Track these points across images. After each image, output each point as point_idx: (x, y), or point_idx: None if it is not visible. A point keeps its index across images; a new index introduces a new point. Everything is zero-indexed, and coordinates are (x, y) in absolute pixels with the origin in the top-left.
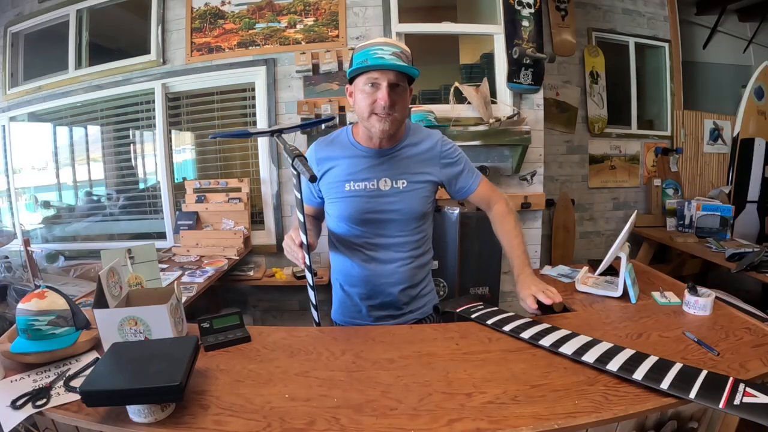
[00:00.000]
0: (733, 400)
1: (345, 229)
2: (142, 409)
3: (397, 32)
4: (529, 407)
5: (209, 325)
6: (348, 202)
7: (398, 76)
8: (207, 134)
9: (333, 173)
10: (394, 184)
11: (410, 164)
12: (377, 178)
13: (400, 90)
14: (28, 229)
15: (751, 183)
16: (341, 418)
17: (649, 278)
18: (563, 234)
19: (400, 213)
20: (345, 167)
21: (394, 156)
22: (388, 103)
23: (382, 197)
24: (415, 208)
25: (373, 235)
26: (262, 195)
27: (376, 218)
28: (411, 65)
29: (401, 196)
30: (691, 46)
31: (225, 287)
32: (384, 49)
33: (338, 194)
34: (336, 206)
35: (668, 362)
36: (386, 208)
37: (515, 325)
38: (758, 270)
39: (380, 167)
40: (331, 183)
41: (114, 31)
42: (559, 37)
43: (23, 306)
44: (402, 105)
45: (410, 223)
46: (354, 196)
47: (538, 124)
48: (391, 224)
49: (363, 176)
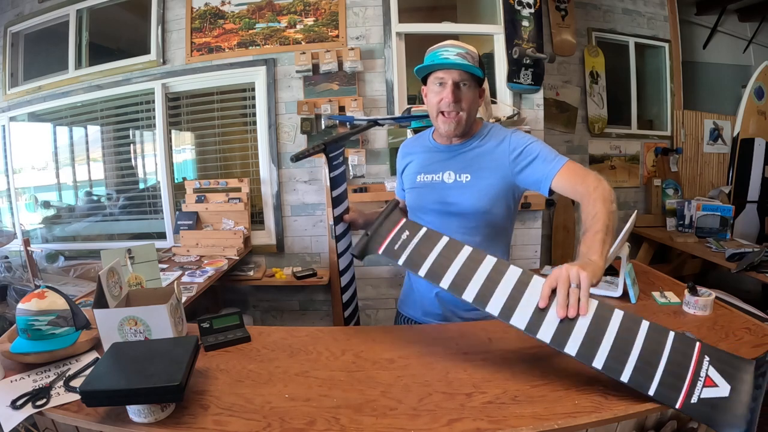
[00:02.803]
0: (691, 396)
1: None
2: (142, 409)
3: (397, 32)
4: (529, 407)
5: (209, 325)
6: (417, 193)
7: (463, 75)
8: (207, 134)
9: (411, 166)
10: (457, 177)
11: (478, 160)
12: (443, 171)
13: (465, 89)
14: (28, 229)
15: (751, 183)
16: (341, 418)
17: (649, 278)
18: (563, 234)
19: (459, 207)
20: (420, 161)
21: (463, 152)
22: (452, 99)
23: (445, 189)
24: (476, 204)
25: (434, 228)
26: (262, 195)
27: (439, 209)
28: (478, 66)
29: (462, 189)
30: (691, 46)
31: (225, 287)
32: (450, 50)
33: (411, 185)
34: (409, 196)
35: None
36: (448, 200)
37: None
38: (758, 270)
39: (449, 161)
40: (408, 175)
41: (114, 31)
42: (559, 37)
43: (23, 306)
44: (468, 104)
45: (470, 220)
46: (422, 187)
47: (538, 124)
48: (452, 218)
49: (432, 169)
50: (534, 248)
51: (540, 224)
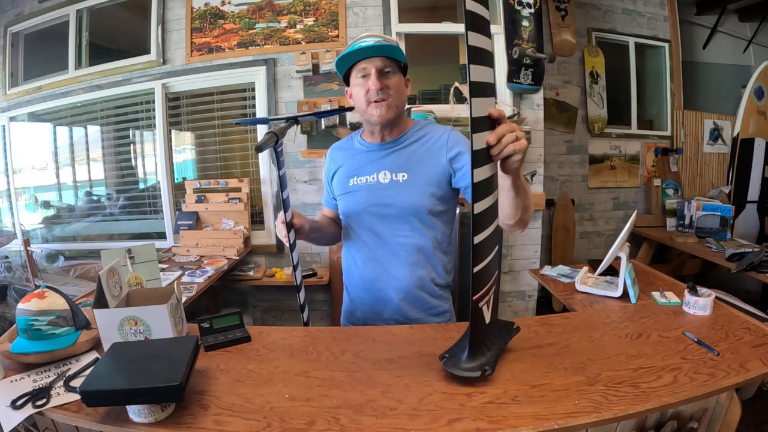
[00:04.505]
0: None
1: (350, 226)
2: (142, 409)
3: (397, 32)
4: (529, 407)
5: (209, 325)
6: (351, 197)
7: (385, 61)
8: (207, 134)
9: (341, 171)
10: (393, 176)
11: (414, 156)
12: (377, 171)
13: (390, 75)
14: (28, 229)
15: (751, 183)
16: (341, 418)
17: (649, 278)
18: (563, 234)
19: (397, 207)
20: (351, 164)
21: (396, 149)
22: (379, 86)
23: (381, 190)
24: (414, 202)
25: (372, 233)
26: (262, 195)
27: (376, 212)
28: (398, 53)
29: (399, 189)
30: (691, 46)
31: (225, 287)
32: (367, 40)
33: (344, 190)
34: (342, 202)
35: None
36: (385, 201)
37: None
38: (758, 270)
39: (382, 161)
40: (339, 180)
41: (114, 31)
42: (559, 37)
43: (23, 306)
44: (396, 90)
45: (411, 221)
46: (356, 190)
47: (538, 124)
48: (391, 220)
49: (365, 170)
50: (534, 248)
51: (540, 224)
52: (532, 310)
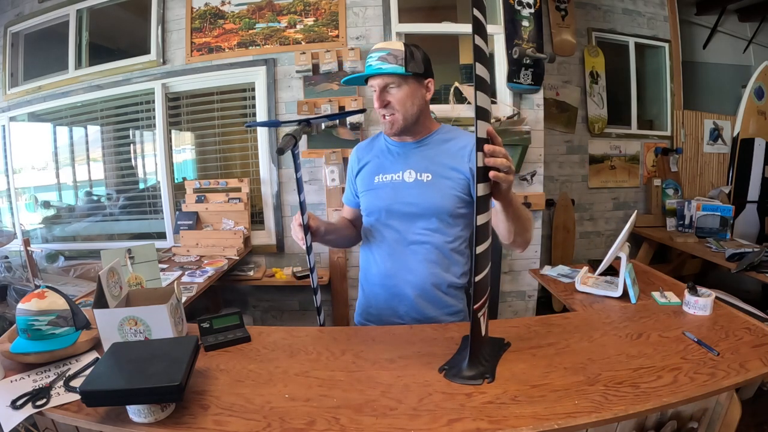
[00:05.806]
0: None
1: (371, 222)
2: (142, 409)
3: (397, 32)
4: (529, 407)
5: (209, 325)
6: (374, 194)
7: (386, 77)
8: (207, 134)
9: (367, 168)
10: (418, 176)
11: (437, 160)
12: (403, 170)
13: (392, 89)
14: (28, 229)
15: (751, 183)
16: (341, 418)
17: (649, 278)
18: (563, 234)
19: (420, 207)
20: (377, 163)
21: (420, 148)
22: (379, 105)
23: (406, 189)
24: (437, 203)
25: (393, 230)
26: (262, 195)
27: (399, 209)
28: (402, 64)
29: (423, 189)
30: (691, 46)
31: (225, 287)
32: (372, 56)
33: (368, 186)
34: (365, 198)
35: None
36: (408, 200)
37: None
38: (758, 270)
39: (407, 160)
40: (364, 177)
41: (114, 31)
42: (559, 37)
43: (23, 306)
44: (400, 103)
45: (431, 221)
46: (381, 187)
47: (538, 124)
48: (413, 218)
49: (391, 168)
50: (534, 248)
51: (540, 224)
52: (532, 310)
